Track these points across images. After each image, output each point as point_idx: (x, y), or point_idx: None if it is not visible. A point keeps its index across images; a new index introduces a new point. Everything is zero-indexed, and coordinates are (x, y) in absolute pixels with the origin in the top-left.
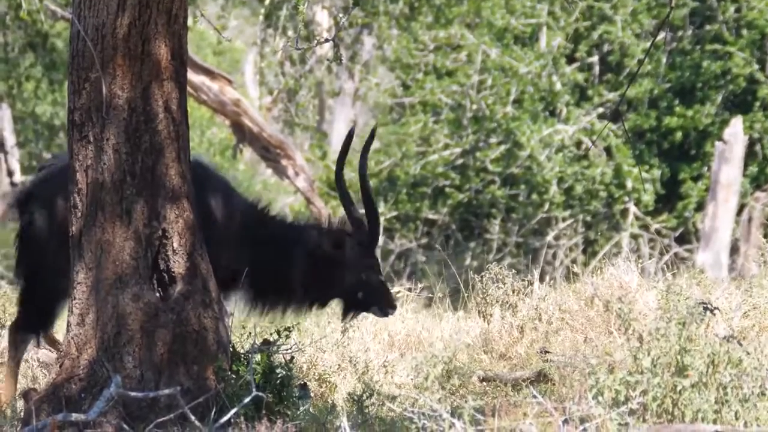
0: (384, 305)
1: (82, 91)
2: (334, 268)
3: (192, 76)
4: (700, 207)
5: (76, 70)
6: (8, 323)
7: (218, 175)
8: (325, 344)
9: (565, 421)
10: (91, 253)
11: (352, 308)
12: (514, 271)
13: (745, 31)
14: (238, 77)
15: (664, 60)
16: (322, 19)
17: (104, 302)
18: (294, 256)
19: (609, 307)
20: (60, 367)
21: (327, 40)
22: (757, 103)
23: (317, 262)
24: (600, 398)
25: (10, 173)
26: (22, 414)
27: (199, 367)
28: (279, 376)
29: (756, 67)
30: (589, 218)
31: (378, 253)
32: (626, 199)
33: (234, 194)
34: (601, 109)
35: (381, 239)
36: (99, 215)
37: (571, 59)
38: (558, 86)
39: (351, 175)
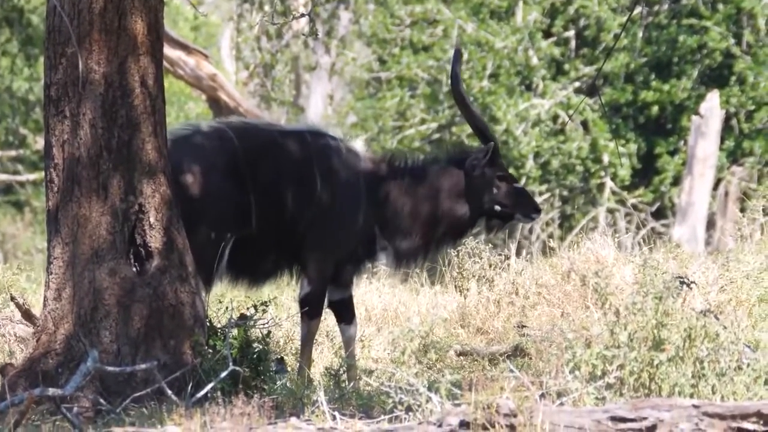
0: (526, 211)
1: (59, 66)
2: (470, 192)
3: (168, 50)
4: (677, 181)
5: (53, 45)
6: None
7: (347, 147)
8: None
9: (542, 396)
10: (68, 228)
11: (495, 222)
12: (490, 245)
13: (721, 6)
14: (215, 52)
15: (640, 34)
16: None
17: (81, 277)
18: (436, 197)
19: (586, 282)
20: (37, 341)
21: (303, 15)
22: (733, 78)
23: (456, 194)
24: (577, 372)
25: None
26: None
27: (175, 341)
28: (256, 350)
29: (732, 41)
30: (565, 193)
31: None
32: (603, 173)
33: (364, 160)
34: (577, 84)
35: None
36: (75, 190)
37: (547, 34)
38: (534, 61)
39: None
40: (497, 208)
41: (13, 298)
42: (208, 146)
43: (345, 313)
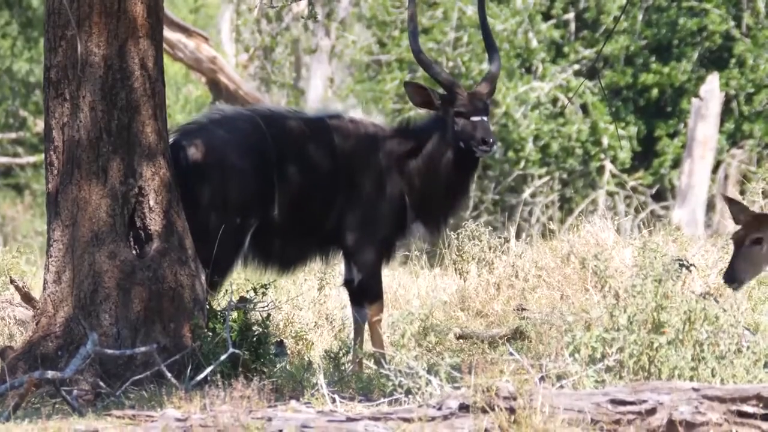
0: (475, 142)
1: (58, 48)
2: (444, 135)
3: (168, 33)
4: (677, 164)
5: (52, 27)
6: None
7: (365, 125)
8: (302, 301)
9: (542, 378)
10: (68, 211)
11: (472, 159)
12: (490, 228)
13: None
14: (214, 34)
15: (640, 17)
16: None
17: (81, 260)
18: (435, 151)
19: (585, 265)
20: (36, 324)
21: None
22: (733, 60)
23: (445, 142)
24: (576, 355)
25: None
26: None
27: (175, 324)
28: (255, 333)
29: (732, 23)
30: (565, 175)
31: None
32: (602, 156)
33: (382, 134)
34: (577, 66)
35: None
36: (75, 173)
37: (547, 16)
38: (534, 43)
39: None
40: (461, 144)
41: (12, 281)
42: (239, 132)
43: (359, 296)
